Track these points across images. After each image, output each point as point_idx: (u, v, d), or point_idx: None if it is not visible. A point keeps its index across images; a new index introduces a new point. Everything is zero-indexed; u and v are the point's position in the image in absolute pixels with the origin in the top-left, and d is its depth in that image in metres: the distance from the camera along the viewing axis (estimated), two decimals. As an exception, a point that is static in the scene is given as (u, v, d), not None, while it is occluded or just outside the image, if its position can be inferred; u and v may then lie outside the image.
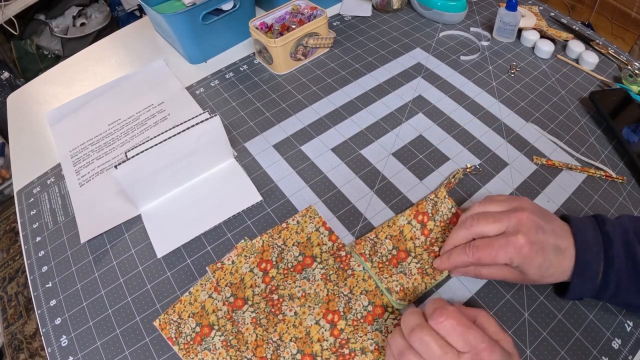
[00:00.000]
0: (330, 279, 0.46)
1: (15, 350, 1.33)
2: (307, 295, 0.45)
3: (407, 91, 0.66)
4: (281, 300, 0.45)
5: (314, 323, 0.44)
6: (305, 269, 0.47)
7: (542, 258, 0.39)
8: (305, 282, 0.46)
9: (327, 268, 0.47)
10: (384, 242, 0.47)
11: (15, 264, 1.55)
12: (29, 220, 0.57)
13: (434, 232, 0.48)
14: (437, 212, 0.49)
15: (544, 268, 0.40)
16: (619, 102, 0.60)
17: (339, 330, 0.43)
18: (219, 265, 0.48)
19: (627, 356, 0.41)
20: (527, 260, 0.39)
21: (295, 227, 0.50)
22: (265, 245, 0.49)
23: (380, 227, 0.49)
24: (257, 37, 0.68)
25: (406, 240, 0.48)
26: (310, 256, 0.48)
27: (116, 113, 0.68)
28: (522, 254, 0.39)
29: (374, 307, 0.44)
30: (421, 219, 0.49)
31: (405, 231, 0.48)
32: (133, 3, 1.99)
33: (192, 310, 0.45)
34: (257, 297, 0.45)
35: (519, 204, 0.42)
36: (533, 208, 0.42)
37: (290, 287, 0.46)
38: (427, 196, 0.51)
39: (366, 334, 0.43)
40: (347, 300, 0.45)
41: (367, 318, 0.44)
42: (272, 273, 0.47)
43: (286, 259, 0.48)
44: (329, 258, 0.48)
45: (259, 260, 0.48)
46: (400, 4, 0.80)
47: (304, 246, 0.49)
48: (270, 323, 0.44)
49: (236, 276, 0.47)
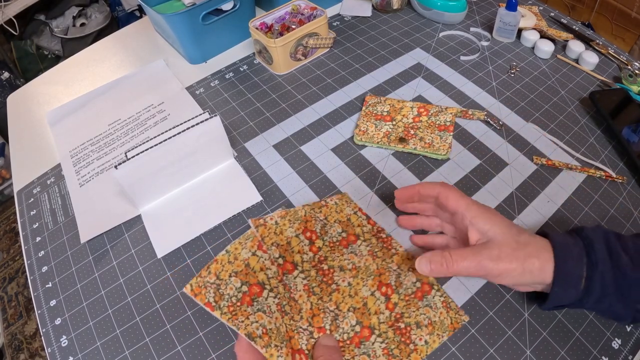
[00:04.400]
0: (377, 255, 0.45)
1: (16, 351, 1.33)
2: (358, 267, 0.44)
3: (407, 91, 0.66)
4: (332, 271, 0.43)
5: (369, 294, 0.42)
6: (351, 244, 0.46)
7: (506, 220, 0.39)
8: (353, 256, 0.44)
9: (372, 246, 0.46)
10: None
11: (16, 264, 1.55)
12: (29, 220, 0.57)
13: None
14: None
15: (514, 231, 0.38)
16: (619, 102, 0.60)
17: (393, 304, 0.42)
18: (261, 221, 0.42)
19: (627, 356, 0.41)
20: (488, 213, 0.39)
21: (335, 207, 0.48)
22: (308, 216, 0.45)
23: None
24: (257, 37, 0.68)
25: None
26: (354, 234, 0.47)
27: (116, 113, 0.68)
28: (473, 204, 0.40)
29: (422, 284, 0.44)
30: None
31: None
32: (133, 3, 1.99)
33: (234, 268, 0.38)
34: (307, 264, 0.42)
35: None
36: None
37: (339, 259, 0.44)
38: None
39: (418, 309, 0.42)
40: (397, 275, 0.44)
41: (416, 294, 0.43)
42: (318, 243, 0.44)
43: (330, 233, 0.46)
44: (371, 238, 0.47)
45: (304, 229, 0.44)
46: (400, 4, 0.80)
47: (345, 225, 0.47)
48: (324, 292, 0.42)
49: (282, 237, 0.42)
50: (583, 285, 0.36)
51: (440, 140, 0.56)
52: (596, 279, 0.36)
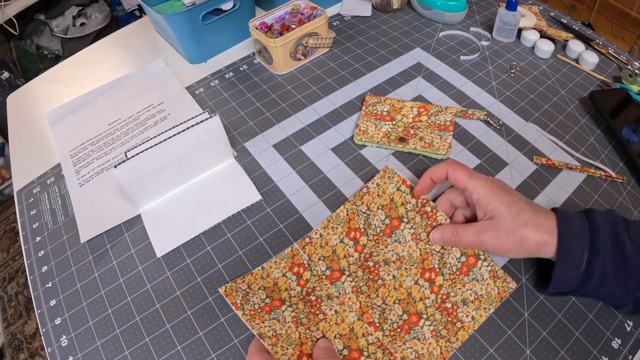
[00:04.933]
0: (420, 237, 0.47)
1: (15, 350, 1.33)
2: (402, 258, 0.46)
3: (407, 91, 0.66)
4: (377, 266, 0.46)
5: (413, 284, 0.44)
6: (394, 231, 0.47)
7: (511, 197, 0.40)
8: (397, 245, 0.47)
9: (416, 227, 0.47)
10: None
11: (15, 264, 1.56)
12: (28, 220, 0.57)
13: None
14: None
15: (514, 211, 0.40)
16: (619, 102, 0.60)
17: (438, 287, 0.44)
18: (307, 240, 0.48)
19: (627, 356, 0.41)
20: (491, 192, 0.40)
21: (377, 190, 0.50)
22: (350, 214, 0.49)
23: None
24: (257, 37, 0.68)
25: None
26: (397, 217, 0.48)
27: (116, 113, 0.68)
28: (484, 183, 0.42)
29: (467, 258, 0.45)
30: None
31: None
32: (133, 3, 1.99)
33: (264, 284, 0.45)
34: (353, 266, 0.46)
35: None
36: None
37: (383, 253, 0.46)
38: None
39: (464, 285, 0.44)
40: (440, 256, 0.45)
41: (462, 270, 0.44)
42: (362, 241, 0.47)
43: (374, 224, 0.48)
44: (415, 216, 0.48)
45: (347, 230, 0.48)
46: (400, 4, 0.80)
47: (388, 208, 0.49)
48: (371, 289, 0.44)
49: (327, 249, 0.47)
50: (584, 268, 0.38)
51: (440, 140, 0.56)
52: (597, 263, 0.37)
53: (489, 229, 0.41)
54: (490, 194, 0.41)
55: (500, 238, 0.40)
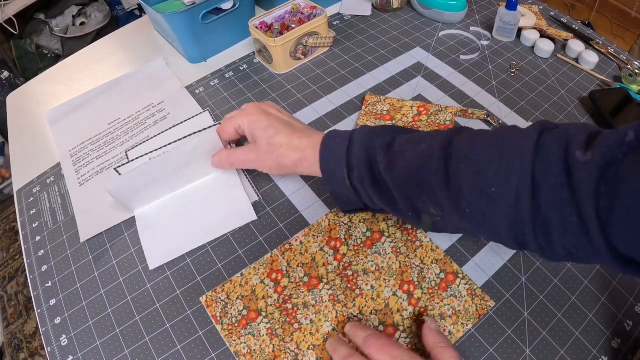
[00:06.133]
0: (401, 251, 0.47)
1: (15, 350, 1.33)
2: (381, 269, 0.46)
3: (407, 90, 0.66)
4: (356, 275, 0.46)
5: (391, 295, 0.44)
6: (375, 243, 0.48)
7: (268, 121, 0.47)
8: (377, 257, 0.47)
9: (397, 241, 0.48)
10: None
11: (15, 264, 1.56)
12: (28, 219, 0.57)
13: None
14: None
15: (270, 133, 0.46)
16: (619, 102, 0.60)
17: (417, 300, 0.44)
18: (287, 247, 0.49)
19: (627, 355, 0.41)
20: (251, 122, 0.47)
21: None
22: (332, 224, 0.50)
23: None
24: (257, 36, 0.68)
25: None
26: (378, 231, 0.49)
27: (116, 112, 0.68)
28: (248, 115, 0.48)
29: (446, 275, 0.45)
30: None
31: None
32: (133, 2, 1.99)
33: (242, 292, 0.46)
34: (332, 274, 0.46)
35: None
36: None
37: (363, 263, 0.47)
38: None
39: (442, 300, 0.44)
40: (419, 270, 0.46)
41: (440, 285, 0.45)
42: (342, 250, 0.48)
43: (355, 235, 0.49)
44: (396, 232, 0.48)
45: (328, 239, 0.49)
46: (400, 3, 0.80)
47: (370, 222, 0.49)
48: (348, 298, 0.44)
49: (307, 256, 0.48)
50: (348, 184, 0.42)
51: None
52: (354, 180, 0.41)
53: (253, 149, 0.48)
54: (250, 123, 0.48)
55: (261, 157, 0.47)
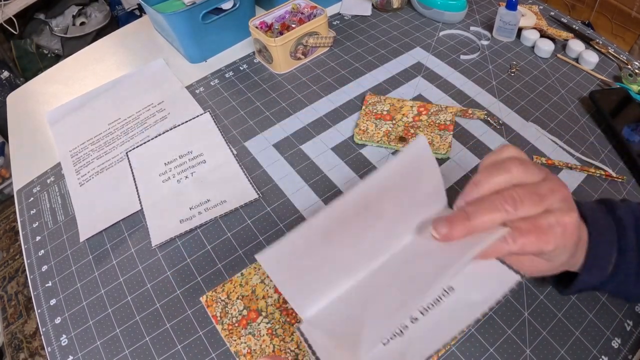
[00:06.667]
0: None
1: (15, 350, 1.33)
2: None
3: (407, 90, 0.66)
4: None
5: None
6: None
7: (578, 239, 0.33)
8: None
9: None
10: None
11: (15, 264, 1.55)
12: (28, 219, 0.57)
13: None
14: None
15: (572, 252, 0.33)
16: (619, 102, 0.60)
17: None
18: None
19: (627, 355, 0.41)
20: (567, 244, 0.31)
21: None
22: None
23: None
24: (257, 36, 0.68)
25: None
26: None
27: (116, 112, 0.68)
28: (567, 236, 0.30)
29: None
30: None
31: None
32: (133, 2, 1.99)
33: (242, 292, 0.46)
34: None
35: (547, 173, 0.32)
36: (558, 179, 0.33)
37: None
38: None
39: None
40: None
41: None
42: None
43: None
44: None
45: None
46: (400, 3, 0.80)
47: None
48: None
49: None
50: (610, 271, 0.35)
51: (441, 140, 0.56)
52: (623, 265, 0.35)
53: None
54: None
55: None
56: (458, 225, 0.30)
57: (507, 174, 0.30)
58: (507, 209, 0.29)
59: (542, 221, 0.29)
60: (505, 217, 0.29)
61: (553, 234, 0.29)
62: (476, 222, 0.29)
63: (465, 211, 0.30)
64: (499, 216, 0.29)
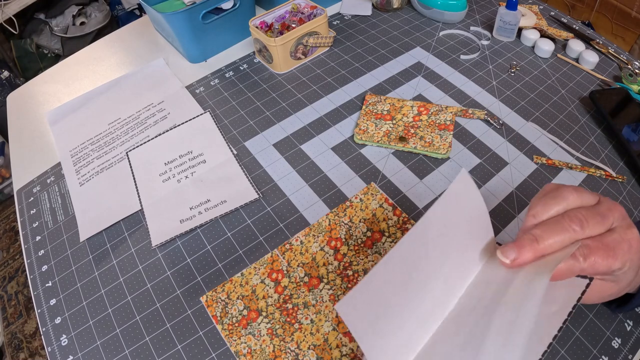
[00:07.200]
0: None
1: (15, 350, 1.33)
2: None
3: (407, 90, 0.66)
4: (356, 275, 0.46)
5: None
6: (375, 243, 0.48)
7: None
8: (378, 256, 0.47)
9: (397, 241, 0.47)
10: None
11: (15, 263, 1.55)
12: (28, 219, 0.57)
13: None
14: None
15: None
16: (619, 102, 0.60)
17: None
18: (287, 246, 0.48)
19: (627, 355, 0.41)
20: (634, 259, 0.30)
21: (360, 205, 0.51)
22: (332, 224, 0.50)
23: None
24: (257, 36, 0.68)
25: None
26: (379, 231, 0.49)
27: (116, 112, 0.68)
28: (633, 252, 0.30)
29: None
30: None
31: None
32: (133, 2, 1.99)
33: (242, 292, 0.46)
34: (332, 274, 0.46)
35: (600, 196, 0.33)
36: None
37: (363, 262, 0.47)
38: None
39: None
40: None
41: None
42: (343, 250, 0.48)
43: (355, 235, 0.49)
44: (397, 232, 0.48)
45: (328, 239, 0.49)
46: (400, 3, 0.80)
47: (370, 222, 0.50)
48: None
49: (307, 256, 0.48)
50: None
51: (441, 140, 0.56)
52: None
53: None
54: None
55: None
56: (527, 249, 0.29)
57: (564, 202, 0.31)
58: (574, 229, 0.29)
59: (608, 238, 0.30)
60: (573, 237, 0.29)
61: (620, 249, 0.29)
62: (545, 244, 0.29)
63: (532, 234, 0.30)
64: (568, 236, 0.29)
